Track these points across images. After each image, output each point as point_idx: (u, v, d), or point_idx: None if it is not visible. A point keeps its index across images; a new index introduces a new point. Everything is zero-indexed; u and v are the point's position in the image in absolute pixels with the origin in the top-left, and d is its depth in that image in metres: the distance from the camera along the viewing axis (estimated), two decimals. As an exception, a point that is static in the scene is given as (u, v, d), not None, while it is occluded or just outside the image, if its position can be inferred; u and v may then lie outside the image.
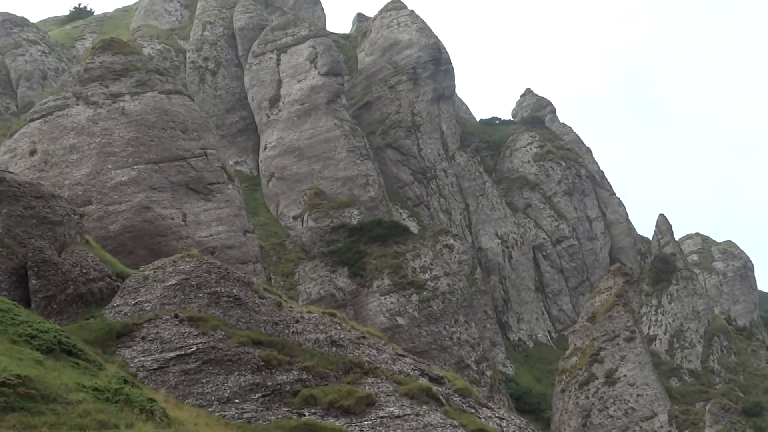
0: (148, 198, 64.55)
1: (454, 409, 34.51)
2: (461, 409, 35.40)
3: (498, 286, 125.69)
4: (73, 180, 63.76)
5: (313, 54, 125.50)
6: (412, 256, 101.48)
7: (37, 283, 37.13)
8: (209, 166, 70.32)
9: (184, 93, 76.99)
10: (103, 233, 59.94)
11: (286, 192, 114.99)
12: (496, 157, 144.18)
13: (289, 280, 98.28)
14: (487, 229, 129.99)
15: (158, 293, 36.65)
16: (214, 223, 67.93)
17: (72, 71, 76.02)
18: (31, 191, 41.01)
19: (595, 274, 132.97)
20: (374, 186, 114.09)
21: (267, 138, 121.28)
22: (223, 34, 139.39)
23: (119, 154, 65.88)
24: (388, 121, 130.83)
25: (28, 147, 66.34)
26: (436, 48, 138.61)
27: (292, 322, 37.26)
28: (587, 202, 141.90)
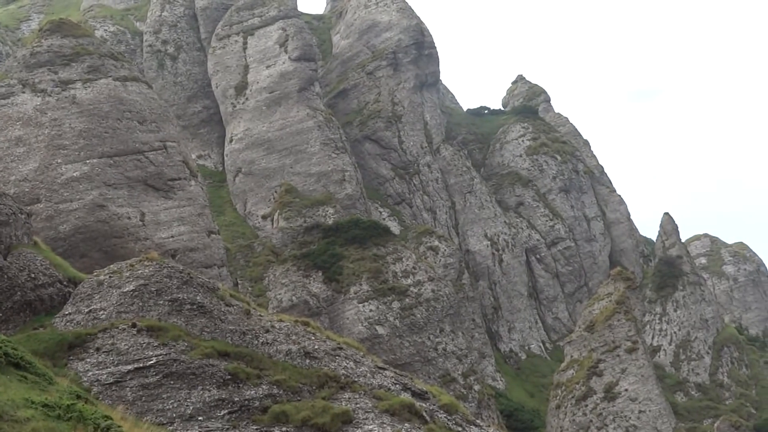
0: (102, 195, 64.49)
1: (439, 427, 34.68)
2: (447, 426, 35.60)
3: (487, 293, 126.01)
4: (20, 176, 63.60)
5: (284, 37, 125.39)
6: (393, 260, 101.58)
7: (-19, 289, 37.07)
8: (169, 161, 70.28)
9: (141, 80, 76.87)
10: (52, 234, 59.85)
11: (254, 189, 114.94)
12: (485, 150, 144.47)
13: (257, 285, 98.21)
14: (476, 230, 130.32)
15: (114, 300, 36.64)
16: (176, 223, 67.92)
17: (17, 56, 75.78)
18: (-27, 188, 40.92)
19: (594, 279, 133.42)
20: (351, 182, 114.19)
21: (233, 129, 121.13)
22: (183, 15, 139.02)
23: (70, 147, 65.76)
24: (366, 110, 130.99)
25: (-31, 140, 66.14)
26: (419, 30, 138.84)
27: (262, 331, 37.34)
28: (585, 199, 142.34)
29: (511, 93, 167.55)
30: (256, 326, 37.54)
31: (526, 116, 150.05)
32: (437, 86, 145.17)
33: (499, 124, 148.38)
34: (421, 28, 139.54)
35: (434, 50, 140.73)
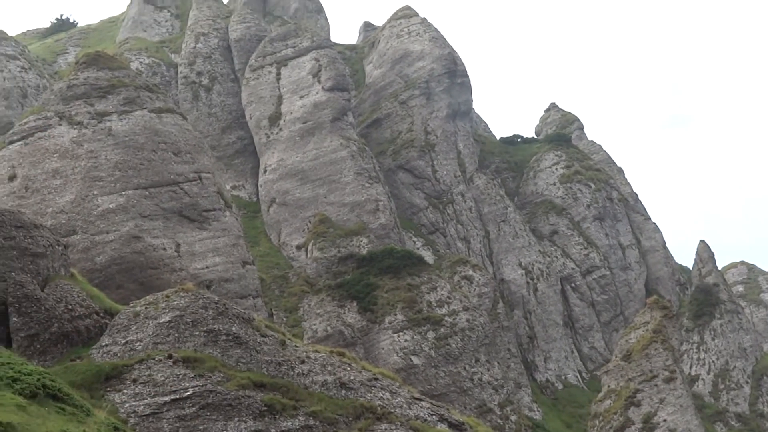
0: (137, 227, 64.76)
1: (476, 457, 34.51)
2: (484, 457, 35.40)
3: (522, 322, 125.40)
4: (57, 207, 64.03)
5: (317, 67, 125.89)
6: (428, 289, 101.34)
7: (18, 320, 37.23)
8: (204, 192, 70.53)
9: (176, 111, 77.33)
10: (89, 266, 60.12)
11: (288, 219, 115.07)
12: (519, 179, 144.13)
13: (292, 316, 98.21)
14: (510, 259, 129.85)
15: (150, 331, 36.75)
16: (211, 253, 68.07)
17: (54, 88, 76.43)
18: (10, 220, 41.16)
19: (630, 308, 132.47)
20: (385, 212, 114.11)
21: (267, 160, 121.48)
22: (217, 47, 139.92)
23: (106, 178, 66.17)
24: (399, 140, 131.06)
25: (7, 172, 66.64)
26: (451, 59, 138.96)
27: (297, 362, 37.33)
28: (620, 228, 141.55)
29: (544, 121, 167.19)
30: (292, 357, 37.54)
31: (559, 144, 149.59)
32: (470, 115, 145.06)
33: (533, 152, 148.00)
34: (454, 57, 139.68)
35: (467, 79, 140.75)
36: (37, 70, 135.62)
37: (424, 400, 38.80)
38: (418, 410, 36.91)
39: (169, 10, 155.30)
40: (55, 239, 44.23)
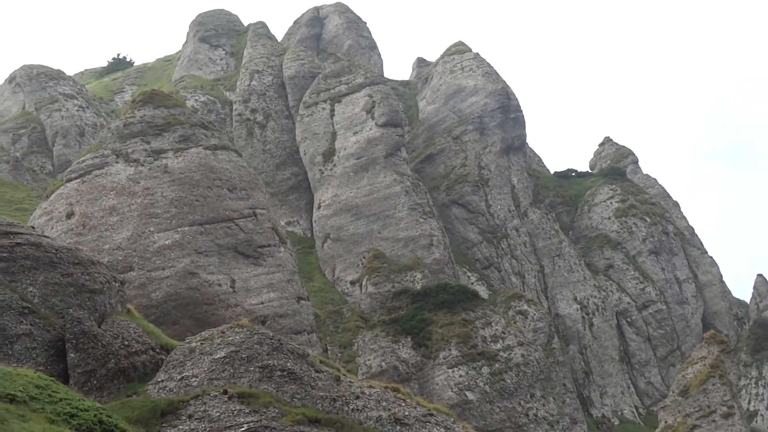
0: (193, 263, 65.12)
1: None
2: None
3: (578, 357, 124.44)
4: (113, 244, 64.57)
5: (370, 103, 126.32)
6: (483, 324, 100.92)
7: (75, 356, 37.50)
8: (259, 228, 70.84)
9: (231, 148, 77.89)
10: (145, 302, 60.49)
11: (342, 254, 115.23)
12: (573, 213, 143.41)
13: (347, 351, 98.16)
14: (565, 294, 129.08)
15: (206, 367, 36.87)
16: (265, 289, 68.25)
17: (111, 127, 77.32)
18: (68, 257, 41.58)
19: (687, 343, 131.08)
20: (439, 247, 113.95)
21: (321, 196, 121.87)
22: (272, 84, 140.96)
23: (162, 215, 66.68)
24: (452, 175, 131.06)
25: (65, 209, 67.36)
26: (505, 94, 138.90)
27: (352, 398, 37.26)
28: (676, 262, 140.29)
29: (599, 155, 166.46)
30: (346, 392, 37.48)
31: (614, 178, 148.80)
32: (524, 149, 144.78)
33: (587, 186, 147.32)
34: (507, 92, 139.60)
35: (520, 114, 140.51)
36: (94, 109, 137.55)
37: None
38: (473, 446, 36.72)
39: (223, 48, 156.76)
40: (112, 276, 44.61)
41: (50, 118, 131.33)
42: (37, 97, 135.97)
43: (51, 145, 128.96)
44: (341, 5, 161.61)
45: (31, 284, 39.31)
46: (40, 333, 37.51)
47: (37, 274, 39.63)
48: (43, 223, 66.42)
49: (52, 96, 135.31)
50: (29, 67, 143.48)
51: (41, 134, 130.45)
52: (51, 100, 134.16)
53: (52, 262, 40.48)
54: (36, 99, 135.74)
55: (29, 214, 77.16)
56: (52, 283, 39.83)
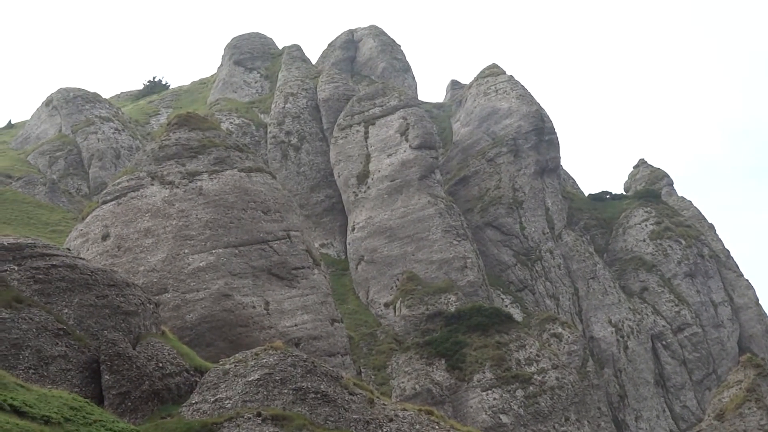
0: (227, 285, 65.27)
1: None
2: None
3: (613, 380, 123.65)
4: (148, 266, 64.84)
5: (404, 125, 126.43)
6: (517, 347, 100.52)
7: (110, 378, 37.59)
8: (293, 250, 70.95)
9: (266, 170, 78.13)
10: (179, 323, 60.67)
11: (376, 277, 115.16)
12: (608, 235, 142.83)
13: (380, 373, 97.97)
14: (600, 316, 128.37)
15: (239, 389, 36.87)
16: (299, 311, 68.28)
17: (146, 149, 77.78)
18: (104, 279, 41.76)
19: (723, 366, 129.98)
20: (473, 269, 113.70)
21: (355, 218, 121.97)
22: (306, 106, 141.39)
23: (197, 237, 66.93)
24: (487, 197, 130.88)
25: (100, 231, 67.80)
26: (539, 116, 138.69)
27: (386, 420, 37.13)
28: (711, 284, 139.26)
29: (633, 177, 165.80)
30: (380, 415, 37.36)
31: (648, 200, 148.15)
32: (558, 172, 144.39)
33: (622, 208, 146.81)
34: (541, 114, 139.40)
35: (554, 136, 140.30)
36: (130, 132, 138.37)
37: (513, 460, 38.39)
38: (508, 470, 36.54)
39: (258, 71, 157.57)
40: (147, 297, 44.76)
41: (86, 140, 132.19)
42: (73, 120, 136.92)
43: (87, 167, 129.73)
44: (375, 28, 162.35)
45: (66, 306, 39.50)
46: (75, 355, 37.65)
47: (72, 296, 39.82)
48: (79, 244, 66.85)
49: (88, 119, 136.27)
50: (66, 90, 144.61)
51: (77, 157, 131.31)
52: (87, 123, 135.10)
53: (88, 284, 40.67)
54: (72, 122, 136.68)
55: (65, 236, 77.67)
56: (88, 304, 40.02)
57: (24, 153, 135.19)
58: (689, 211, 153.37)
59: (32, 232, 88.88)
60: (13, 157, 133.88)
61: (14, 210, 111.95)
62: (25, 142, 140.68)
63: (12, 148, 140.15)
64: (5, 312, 37.09)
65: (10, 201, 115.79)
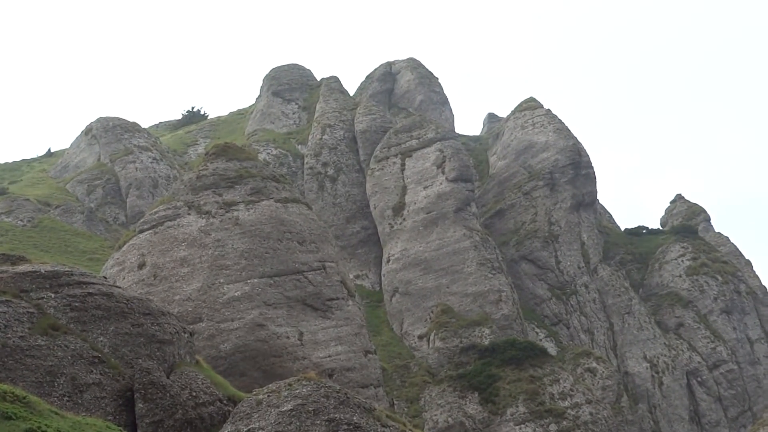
0: (262, 315, 65.37)
1: None
2: None
3: (647, 416, 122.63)
4: (184, 295, 65.07)
5: (441, 158, 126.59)
6: (550, 381, 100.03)
7: (144, 407, 37.64)
8: (328, 281, 70.97)
9: (302, 201, 78.36)
10: (213, 353, 60.78)
11: (410, 309, 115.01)
12: (644, 270, 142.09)
13: (413, 406, 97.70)
14: (635, 352, 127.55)
15: (272, 419, 36.79)
16: (333, 342, 68.23)
17: (184, 179, 78.21)
18: (139, 307, 41.89)
19: (759, 404, 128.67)
20: (508, 302, 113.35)
21: (390, 250, 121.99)
22: (343, 138, 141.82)
23: (232, 267, 67.12)
24: (522, 230, 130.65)
25: (137, 260, 68.15)
26: (576, 150, 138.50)
27: (418, 454, 36.94)
28: (748, 321, 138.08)
29: (670, 212, 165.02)
30: (413, 448, 37.17)
31: (685, 236, 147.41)
32: (594, 206, 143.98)
33: (658, 243, 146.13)
34: (578, 148, 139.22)
35: (591, 170, 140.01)
36: (168, 161, 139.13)
37: (546, 496, 38.08)
38: (540, 506, 36.23)
39: (296, 102, 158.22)
40: (182, 326, 44.85)
41: (125, 169, 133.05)
42: (112, 149, 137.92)
43: (125, 196, 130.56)
44: (413, 61, 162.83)
45: (101, 334, 39.64)
46: (110, 383, 37.74)
47: (108, 324, 39.96)
48: (115, 273, 67.19)
49: (127, 148, 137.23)
50: (105, 120, 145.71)
51: (115, 185, 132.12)
52: (126, 152, 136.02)
53: (123, 312, 40.81)
54: (111, 151, 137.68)
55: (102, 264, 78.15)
56: (123, 333, 40.14)
57: (63, 181, 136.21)
58: (726, 247, 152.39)
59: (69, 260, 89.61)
60: (52, 186, 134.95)
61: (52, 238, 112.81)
62: (64, 171, 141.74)
63: (51, 176, 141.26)
64: (41, 339, 37.27)
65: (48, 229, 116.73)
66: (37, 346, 36.94)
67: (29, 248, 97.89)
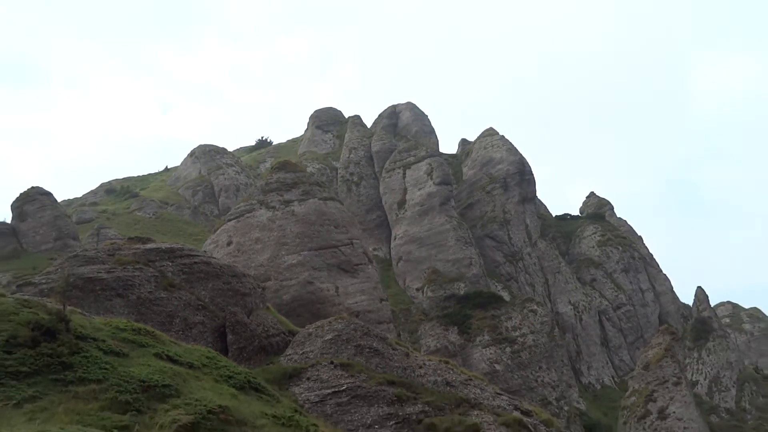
0: (310, 275, 65.60)
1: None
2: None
3: (572, 342, 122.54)
4: (257, 263, 65.32)
5: (430, 169, 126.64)
6: (506, 318, 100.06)
7: (232, 338, 37.91)
8: (354, 252, 71.18)
9: (336, 199, 78.49)
10: (278, 301, 61.05)
11: (410, 271, 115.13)
12: (568, 243, 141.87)
13: (413, 335, 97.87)
14: (562, 298, 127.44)
15: (318, 345, 37.02)
16: (358, 293, 68.44)
17: (257, 185, 78.45)
18: (228, 271, 42.17)
19: (648, 333, 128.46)
20: (476, 266, 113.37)
21: (396, 231, 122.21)
22: (363, 156, 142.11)
23: (290, 243, 67.34)
24: (485, 217, 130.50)
25: (225, 240, 68.44)
26: (521, 163, 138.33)
27: (417, 367, 37.11)
28: (640, 277, 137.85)
29: (586, 204, 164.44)
30: (413, 364, 37.33)
31: (596, 220, 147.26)
32: (534, 200, 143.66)
33: (578, 225, 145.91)
34: (523, 161, 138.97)
35: (532, 176, 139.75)
36: (246, 173, 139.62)
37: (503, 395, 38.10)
38: (500, 401, 36.23)
39: (332, 133, 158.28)
40: (257, 284, 45.08)
41: (217, 179, 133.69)
42: (208, 166, 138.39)
43: (217, 197, 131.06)
44: (411, 104, 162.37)
45: (203, 289, 39.91)
46: (209, 322, 38.01)
47: (207, 283, 40.22)
48: (212, 249, 67.45)
49: (218, 165, 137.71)
50: (204, 146, 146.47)
51: (211, 190, 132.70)
52: (217, 168, 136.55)
53: (217, 275, 41.07)
54: (208, 167, 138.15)
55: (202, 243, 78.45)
56: (217, 288, 40.39)
57: (176, 188, 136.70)
58: (624, 228, 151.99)
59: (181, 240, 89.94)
60: (169, 191, 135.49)
61: (169, 226, 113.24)
62: (176, 181, 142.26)
63: (168, 185, 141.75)
64: (163, 293, 37.55)
65: (167, 220, 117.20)
66: (160, 298, 37.24)
67: (154, 233, 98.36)
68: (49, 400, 17.60)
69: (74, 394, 18.15)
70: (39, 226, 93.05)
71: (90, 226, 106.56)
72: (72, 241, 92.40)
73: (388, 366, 36.07)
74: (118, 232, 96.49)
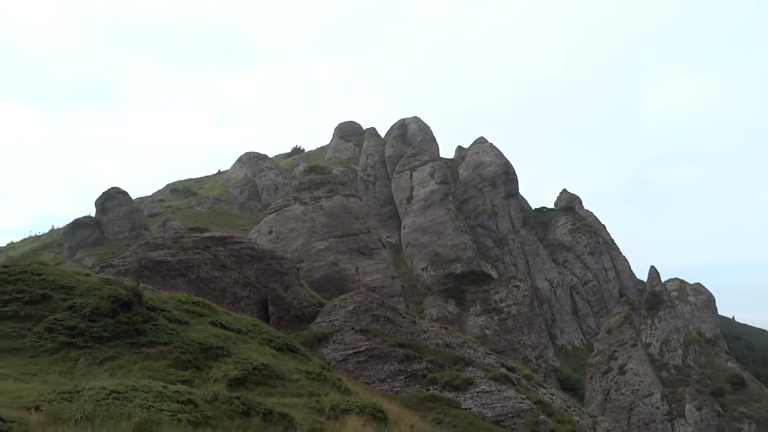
0: (335, 258, 65.76)
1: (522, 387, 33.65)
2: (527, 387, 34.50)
3: (548, 311, 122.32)
4: (293, 248, 65.53)
5: (432, 171, 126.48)
6: (494, 292, 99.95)
7: (273, 309, 38.12)
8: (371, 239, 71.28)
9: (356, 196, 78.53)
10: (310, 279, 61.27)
11: (416, 254, 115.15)
12: (545, 231, 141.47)
13: (419, 307, 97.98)
14: (541, 276, 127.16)
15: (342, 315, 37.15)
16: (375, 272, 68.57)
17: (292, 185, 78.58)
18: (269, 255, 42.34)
19: (610, 304, 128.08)
20: (470, 250, 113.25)
21: (405, 222, 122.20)
22: (378, 160, 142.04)
23: (319, 232, 67.49)
24: (477, 210, 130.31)
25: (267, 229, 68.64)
26: (507, 165, 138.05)
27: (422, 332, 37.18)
28: (603, 258, 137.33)
29: (560, 199, 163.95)
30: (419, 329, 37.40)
31: (568, 212, 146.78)
32: (517, 196, 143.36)
33: (553, 216, 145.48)
34: (508, 164, 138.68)
35: (516, 176, 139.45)
36: (283, 175, 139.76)
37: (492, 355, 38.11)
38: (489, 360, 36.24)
39: (352, 141, 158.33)
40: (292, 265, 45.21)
41: (260, 180, 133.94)
42: (253, 169, 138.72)
43: (260, 195, 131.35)
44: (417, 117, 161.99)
45: (249, 269, 40.08)
46: (254, 296, 38.20)
47: (252, 264, 40.41)
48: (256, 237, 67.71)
49: (261, 168, 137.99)
50: (249, 152, 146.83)
51: (255, 189, 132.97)
52: (260, 171, 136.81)
53: (260, 258, 41.25)
54: (253, 170, 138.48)
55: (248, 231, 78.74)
56: (261, 269, 40.57)
57: (227, 187, 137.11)
58: (591, 218, 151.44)
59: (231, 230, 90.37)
60: (221, 189, 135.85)
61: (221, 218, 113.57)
62: (227, 181, 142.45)
63: (220, 185, 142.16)
64: (217, 273, 37.75)
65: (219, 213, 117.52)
66: (214, 276, 37.45)
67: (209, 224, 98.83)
68: (125, 360, 17.83)
69: (146, 355, 18.36)
70: (117, 219, 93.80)
71: (158, 219, 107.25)
72: (144, 231, 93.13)
73: (399, 331, 36.20)
74: (180, 223, 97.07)
